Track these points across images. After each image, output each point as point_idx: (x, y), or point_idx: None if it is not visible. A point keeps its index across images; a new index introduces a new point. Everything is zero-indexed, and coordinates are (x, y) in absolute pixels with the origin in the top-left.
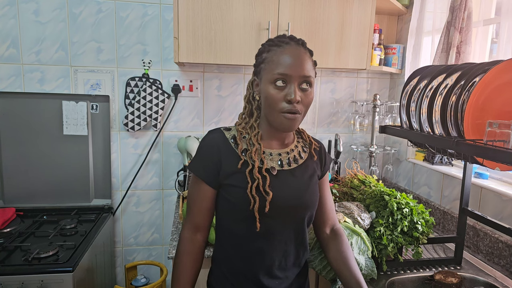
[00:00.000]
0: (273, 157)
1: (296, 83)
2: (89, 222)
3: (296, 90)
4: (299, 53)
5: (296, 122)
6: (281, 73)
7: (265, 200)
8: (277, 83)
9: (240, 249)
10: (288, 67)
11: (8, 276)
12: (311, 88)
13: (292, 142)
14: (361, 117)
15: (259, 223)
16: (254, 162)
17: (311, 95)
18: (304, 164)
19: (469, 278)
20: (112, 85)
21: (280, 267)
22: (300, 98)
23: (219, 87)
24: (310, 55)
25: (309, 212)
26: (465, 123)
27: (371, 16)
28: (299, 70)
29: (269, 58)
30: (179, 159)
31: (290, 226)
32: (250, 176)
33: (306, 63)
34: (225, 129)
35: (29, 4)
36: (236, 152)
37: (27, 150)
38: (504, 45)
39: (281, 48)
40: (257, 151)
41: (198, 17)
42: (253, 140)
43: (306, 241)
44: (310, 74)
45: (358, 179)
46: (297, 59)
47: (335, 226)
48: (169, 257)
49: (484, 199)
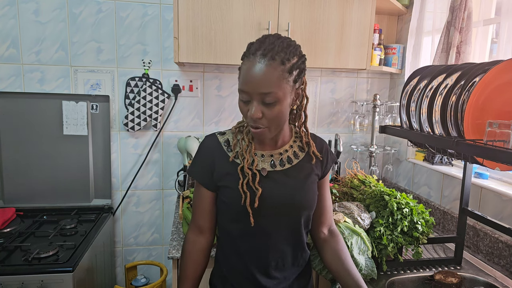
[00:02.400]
0: (265, 158)
1: (256, 99)
2: (89, 222)
3: (256, 107)
4: (261, 67)
5: (264, 135)
6: (242, 90)
7: (255, 195)
8: (242, 98)
9: (237, 249)
10: (246, 83)
11: (8, 276)
12: (278, 102)
13: (286, 143)
14: (361, 117)
15: (253, 218)
16: (244, 159)
17: (278, 109)
18: (299, 164)
19: (469, 278)
20: (112, 85)
21: (277, 267)
22: (261, 114)
23: (219, 87)
24: (280, 63)
25: (306, 212)
26: (465, 123)
27: (371, 16)
28: (257, 87)
29: (241, 69)
30: (179, 159)
31: (286, 226)
32: (241, 173)
33: (268, 77)
34: (220, 134)
35: (29, 4)
36: (228, 155)
37: (27, 150)
38: (504, 45)
39: (247, 60)
40: (248, 149)
41: (198, 17)
42: (245, 138)
43: (304, 241)
44: (270, 90)
45: (358, 179)
46: (256, 74)
47: (331, 227)
48: (169, 257)
49: (484, 199)
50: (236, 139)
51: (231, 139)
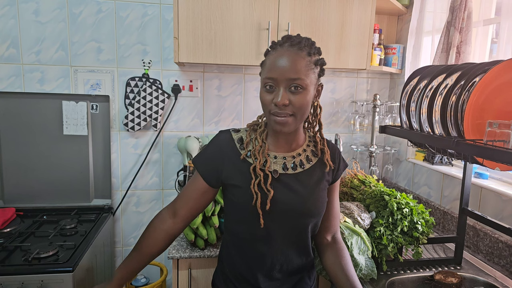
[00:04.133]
0: (277, 160)
1: (283, 86)
2: (89, 222)
3: (282, 93)
4: (289, 54)
5: (288, 124)
6: (268, 77)
7: (267, 197)
8: (267, 86)
9: (241, 250)
10: (274, 70)
11: (8, 276)
12: (304, 90)
13: (300, 146)
14: (361, 117)
15: (263, 219)
16: (256, 160)
17: (304, 97)
18: (310, 169)
19: (469, 278)
20: (112, 85)
21: (281, 271)
22: (288, 101)
23: (219, 87)
24: (307, 54)
25: (314, 219)
26: (465, 123)
27: (371, 16)
28: (286, 73)
29: (265, 61)
30: (179, 159)
31: (292, 232)
32: (253, 173)
33: (296, 64)
34: (234, 131)
35: (29, 4)
36: (240, 153)
37: (27, 150)
38: (504, 45)
39: (274, 51)
40: (261, 149)
41: (198, 17)
42: (258, 139)
43: (309, 246)
44: (298, 76)
45: (358, 179)
46: (285, 61)
47: (336, 234)
48: (169, 257)
49: (484, 199)
50: (249, 137)
51: (245, 137)
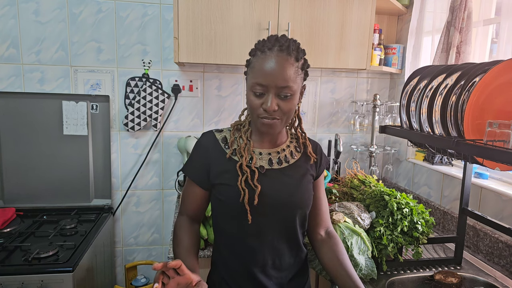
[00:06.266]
0: (263, 156)
1: (272, 92)
2: (89, 222)
3: (272, 99)
4: (279, 61)
5: (275, 127)
6: (258, 83)
7: (254, 192)
8: (255, 91)
9: (233, 248)
10: (264, 76)
11: (8, 276)
12: (292, 96)
13: (284, 142)
14: (361, 117)
15: (250, 215)
16: (242, 157)
17: (292, 102)
18: (295, 164)
19: (469, 278)
20: (112, 85)
21: (275, 266)
22: (277, 106)
23: (219, 87)
24: (296, 60)
25: (301, 211)
26: (465, 123)
27: (371, 16)
28: (276, 80)
29: (253, 63)
30: (179, 159)
31: (281, 225)
32: (240, 171)
33: (286, 71)
34: (217, 131)
35: (29, 4)
36: (225, 152)
37: (27, 150)
38: (504, 45)
39: (263, 55)
40: (246, 147)
41: (198, 17)
42: (243, 137)
43: (300, 240)
44: (288, 84)
45: (358, 179)
46: (275, 68)
47: (329, 228)
48: (169, 257)
49: (484, 199)
50: (233, 136)
51: (228, 136)
